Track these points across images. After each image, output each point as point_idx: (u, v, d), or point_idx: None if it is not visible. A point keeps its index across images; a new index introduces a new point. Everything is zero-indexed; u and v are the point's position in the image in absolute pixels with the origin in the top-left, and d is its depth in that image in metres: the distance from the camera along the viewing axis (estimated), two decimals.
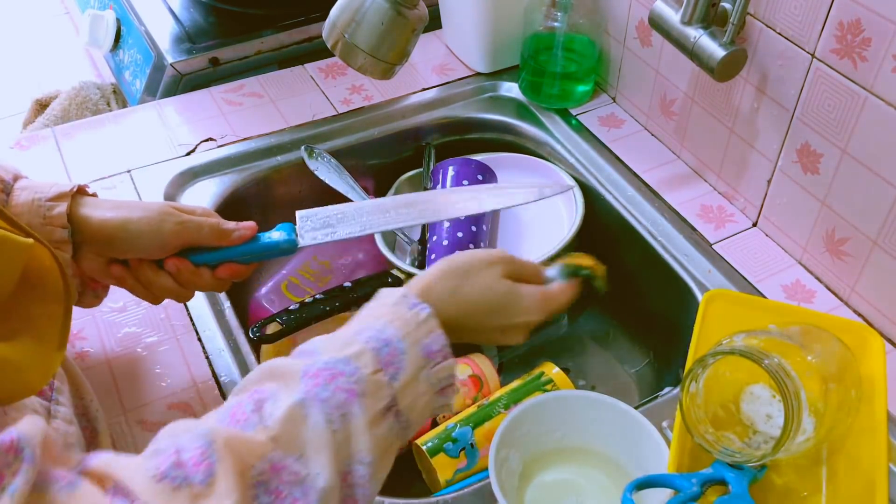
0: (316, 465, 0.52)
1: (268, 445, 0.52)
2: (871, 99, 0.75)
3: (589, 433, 0.71)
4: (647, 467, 0.67)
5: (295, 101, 1.09)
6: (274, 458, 0.51)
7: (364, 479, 0.54)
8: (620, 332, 1.03)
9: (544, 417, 0.71)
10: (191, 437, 0.51)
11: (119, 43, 1.34)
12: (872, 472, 0.66)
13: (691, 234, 0.93)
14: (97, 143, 1.02)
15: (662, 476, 0.63)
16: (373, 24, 0.76)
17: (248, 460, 0.50)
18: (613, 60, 1.08)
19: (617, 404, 0.70)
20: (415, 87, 1.12)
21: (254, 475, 0.50)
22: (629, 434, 0.69)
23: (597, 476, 0.72)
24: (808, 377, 0.61)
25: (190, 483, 0.48)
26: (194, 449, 0.50)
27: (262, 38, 1.22)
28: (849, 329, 0.75)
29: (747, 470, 0.63)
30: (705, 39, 0.83)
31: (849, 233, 0.82)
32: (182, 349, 0.80)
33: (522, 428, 0.69)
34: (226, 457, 0.49)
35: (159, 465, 0.49)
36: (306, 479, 0.52)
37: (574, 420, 0.71)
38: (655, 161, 1.02)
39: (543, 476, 0.72)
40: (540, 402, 0.71)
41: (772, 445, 0.60)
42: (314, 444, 0.53)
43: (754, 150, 0.90)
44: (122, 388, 0.76)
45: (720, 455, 0.63)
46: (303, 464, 0.52)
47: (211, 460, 0.49)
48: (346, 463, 0.54)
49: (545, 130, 1.07)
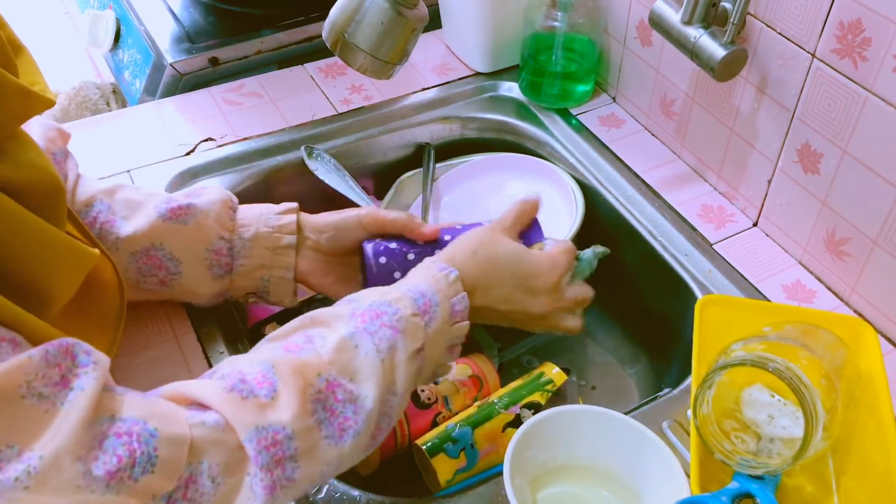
0: (365, 388, 0.58)
1: (324, 366, 0.57)
2: (872, 99, 0.75)
3: (595, 450, 0.69)
4: (656, 484, 0.66)
5: (295, 101, 1.09)
6: (330, 377, 0.57)
7: (393, 410, 0.61)
8: (621, 332, 1.03)
9: (549, 435, 0.68)
10: (250, 364, 0.56)
11: (119, 43, 1.34)
12: (886, 469, 0.65)
13: (691, 233, 0.93)
14: (97, 143, 1.02)
15: (696, 498, 0.63)
16: (373, 23, 0.76)
17: (307, 379, 0.56)
18: (613, 60, 1.08)
19: (626, 420, 0.68)
20: (415, 87, 1.12)
21: (312, 392, 0.56)
22: (637, 450, 0.67)
23: (603, 494, 0.69)
24: (817, 379, 0.61)
25: (256, 395, 0.54)
26: (256, 372, 0.55)
27: (261, 38, 1.22)
28: (842, 323, 0.75)
29: (768, 478, 0.63)
30: (705, 39, 0.83)
31: (849, 233, 0.82)
32: (182, 349, 0.80)
33: (531, 450, 0.67)
34: (286, 375, 0.55)
35: (226, 383, 0.54)
36: (357, 399, 0.58)
37: (580, 436, 0.69)
38: (656, 161, 1.02)
39: (549, 490, 0.69)
40: (545, 418, 0.68)
41: (791, 455, 0.60)
42: (365, 370, 0.59)
43: (755, 149, 0.90)
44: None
45: (739, 467, 0.63)
46: (355, 385, 0.58)
47: (273, 380, 0.55)
48: (387, 391, 0.60)
49: (545, 130, 1.07)
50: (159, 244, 0.73)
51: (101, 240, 0.71)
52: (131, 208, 0.74)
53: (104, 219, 0.73)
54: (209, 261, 0.75)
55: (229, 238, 0.75)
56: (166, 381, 0.77)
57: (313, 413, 0.55)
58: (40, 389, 0.46)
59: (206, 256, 0.74)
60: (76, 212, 0.72)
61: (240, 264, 0.76)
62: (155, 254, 0.73)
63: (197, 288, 0.76)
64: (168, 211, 0.74)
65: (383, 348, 0.60)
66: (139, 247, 0.73)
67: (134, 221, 0.73)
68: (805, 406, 0.59)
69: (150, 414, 0.51)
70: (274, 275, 0.77)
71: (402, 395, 0.61)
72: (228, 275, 0.76)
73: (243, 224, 0.76)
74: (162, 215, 0.73)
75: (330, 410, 0.56)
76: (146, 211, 0.74)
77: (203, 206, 0.75)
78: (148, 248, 0.73)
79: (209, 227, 0.75)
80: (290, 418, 0.54)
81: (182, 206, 0.74)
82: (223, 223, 0.75)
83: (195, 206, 0.75)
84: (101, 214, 0.73)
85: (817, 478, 0.67)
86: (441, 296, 0.65)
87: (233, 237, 0.76)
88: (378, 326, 0.61)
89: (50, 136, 0.73)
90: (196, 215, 0.74)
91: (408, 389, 0.62)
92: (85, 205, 0.73)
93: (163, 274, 0.74)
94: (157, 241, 0.73)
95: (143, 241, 0.73)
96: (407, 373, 0.61)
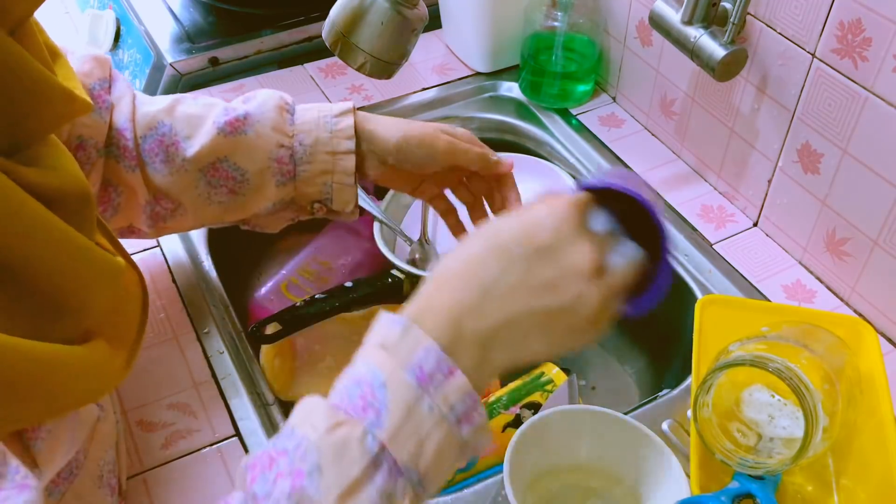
0: None
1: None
2: (872, 99, 0.75)
3: (595, 450, 0.69)
4: (657, 485, 0.66)
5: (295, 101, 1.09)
6: None
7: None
8: (620, 332, 1.03)
9: (549, 435, 0.68)
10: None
11: (118, 43, 1.34)
12: (886, 469, 0.65)
13: (692, 233, 0.93)
14: None
15: (696, 498, 0.63)
16: (373, 23, 0.76)
17: None
18: (613, 60, 1.08)
19: (626, 421, 0.68)
20: (415, 86, 1.12)
21: None
22: (637, 450, 0.67)
23: (604, 495, 0.69)
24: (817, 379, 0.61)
25: None
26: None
27: (261, 38, 1.22)
28: (842, 323, 0.75)
29: (768, 478, 0.63)
30: (706, 39, 0.83)
31: (849, 233, 0.82)
32: (182, 349, 0.80)
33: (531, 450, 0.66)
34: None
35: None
36: None
37: (580, 437, 0.68)
38: (656, 161, 1.02)
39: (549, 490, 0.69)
40: (545, 419, 0.67)
41: (791, 455, 0.60)
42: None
43: (755, 149, 0.90)
44: (121, 388, 0.76)
45: (739, 467, 0.63)
46: None
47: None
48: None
49: (545, 130, 1.07)
50: (224, 157, 0.74)
51: (169, 161, 0.73)
52: (192, 125, 0.74)
53: (169, 141, 0.73)
54: (272, 169, 0.75)
55: (290, 145, 0.75)
56: (166, 381, 0.78)
57: None
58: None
59: (269, 165, 0.75)
60: (139, 136, 0.73)
61: (302, 170, 0.76)
62: (221, 166, 0.74)
63: (266, 193, 0.76)
64: (226, 124, 0.74)
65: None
66: (205, 163, 0.74)
67: (197, 140, 0.74)
68: (805, 406, 0.59)
69: None
70: (336, 180, 0.76)
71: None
72: (292, 181, 0.76)
73: (303, 130, 0.76)
74: (221, 129, 0.74)
75: None
76: (206, 127, 0.74)
77: (259, 116, 0.75)
78: (214, 162, 0.74)
79: (268, 136, 0.75)
80: None
81: (239, 117, 0.74)
82: (282, 130, 0.75)
83: (252, 115, 0.75)
84: (165, 137, 0.73)
85: (817, 478, 0.67)
86: (387, 372, 0.45)
87: (293, 143, 0.76)
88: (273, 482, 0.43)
89: (85, 70, 0.72)
90: (254, 125, 0.75)
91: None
92: (148, 128, 0.74)
93: (231, 184, 0.75)
94: (221, 155, 0.74)
95: (209, 157, 0.74)
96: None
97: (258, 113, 0.75)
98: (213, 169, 0.74)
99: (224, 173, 0.75)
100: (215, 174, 0.75)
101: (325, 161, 0.76)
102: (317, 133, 0.76)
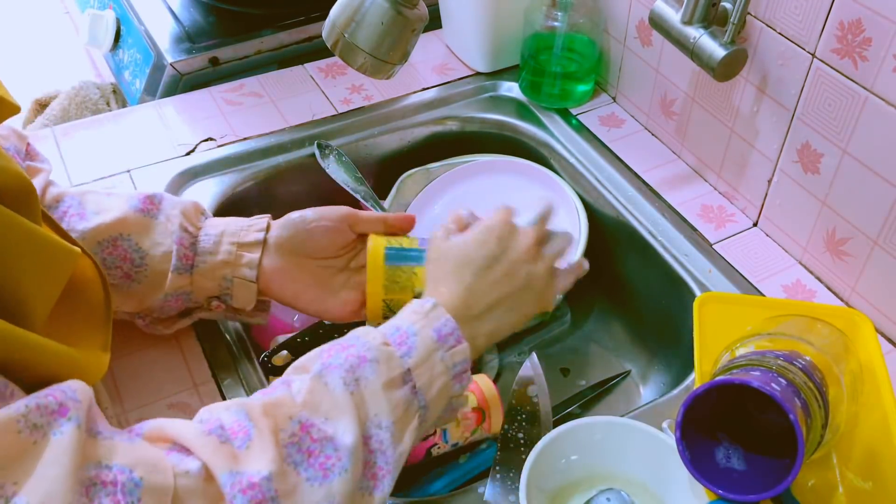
0: (341, 425, 0.56)
1: (296, 408, 0.56)
2: (872, 99, 0.75)
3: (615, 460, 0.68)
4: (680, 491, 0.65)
5: (295, 101, 1.09)
6: (303, 418, 0.56)
7: (384, 445, 0.58)
8: (621, 332, 1.03)
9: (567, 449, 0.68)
10: (227, 411, 0.56)
11: (119, 43, 1.34)
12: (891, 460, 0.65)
13: (691, 233, 0.93)
14: (97, 143, 1.02)
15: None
16: (373, 23, 0.76)
17: (280, 423, 0.55)
18: (614, 60, 1.08)
19: (645, 429, 0.68)
20: (415, 86, 1.12)
21: (285, 437, 0.55)
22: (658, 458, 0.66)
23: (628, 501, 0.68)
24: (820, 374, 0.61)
25: (231, 443, 0.54)
26: (233, 421, 0.55)
27: (261, 38, 1.22)
28: (839, 316, 0.75)
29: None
30: (705, 39, 0.83)
31: (849, 233, 0.82)
32: (182, 349, 0.80)
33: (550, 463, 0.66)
34: (260, 421, 0.55)
35: (205, 427, 0.55)
36: (335, 436, 0.56)
37: (600, 448, 0.68)
38: (656, 161, 1.02)
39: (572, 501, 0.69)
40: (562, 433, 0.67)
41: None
42: (338, 406, 0.57)
43: (755, 149, 0.90)
44: (122, 388, 0.76)
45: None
46: (330, 424, 0.56)
47: (247, 427, 0.54)
48: (370, 424, 0.57)
49: (545, 130, 1.07)
50: (127, 235, 0.73)
51: (69, 231, 0.70)
52: (102, 206, 0.74)
53: (74, 212, 0.73)
54: (171, 252, 0.73)
55: (194, 233, 0.75)
56: (166, 381, 0.78)
57: (288, 457, 0.55)
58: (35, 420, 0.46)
59: (170, 248, 0.73)
60: (45, 206, 0.71)
61: (202, 261, 0.74)
62: (121, 244, 0.73)
63: (160, 283, 0.74)
64: (140, 202, 0.74)
65: (349, 380, 0.58)
66: (106, 236, 0.72)
67: (104, 215, 0.73)
68: (811, 404, 0.59)
69: (136, 461, 0.50)
70: (237, 274, 0.74)
71: (391, 428, 0.58)
72: (189, 272, 0.74)
73: (212, 224, 0.76)
74: (134, 207, 0.74)
75: (307, 452, 0.55)
76: (118, 204, 0.74)
77: (174, 201, 0.76)
78: (115, 237, 0.73)
79: (175, 217, 0.74)
80: (264, 463, 0.53)
81: (153, 196, 0.75)
82: (191, 218, 0.75)
83: (167, 198, 0.75)
84: (70, 209, 0.73)
85: (821, 471, 0.67)
86: (419, 325, 0.62)
87: (198, 233, 0.75)
88: (344, 358, 0.59)
89: (2, 134, 0.73)
90: (165, 209, 0.75)
91: (400, 422, 0.59)
92: (55, 200, 0.73)
93: (127, 266, 0.73)
94: (124, 232, 0.73)
95: (111, 231, 0.72)
96: (388, 403, 0.58)
97: (174, 200, 0.76)
98: (112, 245, 0.73)
99: (121, 252, 0.73)
100: (112, 251, 0.73)
101: (228, 252, 0.74)
102: (225, 226, 0.75)
